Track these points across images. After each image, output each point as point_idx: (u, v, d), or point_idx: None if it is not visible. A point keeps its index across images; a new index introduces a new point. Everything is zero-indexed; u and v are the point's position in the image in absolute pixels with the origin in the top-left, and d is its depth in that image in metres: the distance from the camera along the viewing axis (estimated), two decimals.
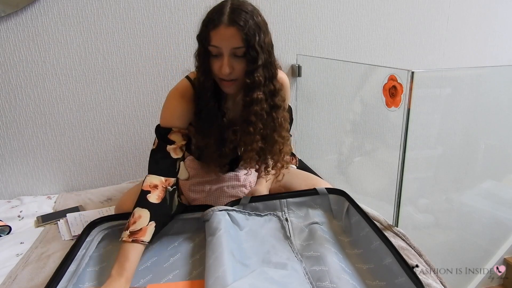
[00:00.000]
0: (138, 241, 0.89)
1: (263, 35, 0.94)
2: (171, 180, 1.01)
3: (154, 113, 1.71)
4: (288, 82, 1.17)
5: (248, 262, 0.89)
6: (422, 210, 2.01)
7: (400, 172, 1.19)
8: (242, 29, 0.90)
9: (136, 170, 1.77)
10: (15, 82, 1.51)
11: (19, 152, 1.59)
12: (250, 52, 0.92)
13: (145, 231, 0.91)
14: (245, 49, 0.92)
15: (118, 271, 0.85)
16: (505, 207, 2.15)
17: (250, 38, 0.91)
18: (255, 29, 0.92)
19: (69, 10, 1.49)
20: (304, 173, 1.34)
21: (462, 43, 2.18)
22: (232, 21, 0.90)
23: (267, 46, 0.97)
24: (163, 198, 0.97)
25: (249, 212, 1.09)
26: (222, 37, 0.91)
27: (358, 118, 1.99)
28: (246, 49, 0.92)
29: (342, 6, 1.86)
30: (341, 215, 1.09)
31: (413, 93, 1.10)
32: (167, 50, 1.65)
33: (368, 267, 0.90)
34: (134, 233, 0.90)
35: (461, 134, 2.09)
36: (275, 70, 1.02)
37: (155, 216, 0.94)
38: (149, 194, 0.96)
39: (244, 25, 0.90)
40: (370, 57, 2.00)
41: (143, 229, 0.91)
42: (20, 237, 1.24)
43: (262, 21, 0.95)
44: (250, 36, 0.91)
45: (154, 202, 0.95)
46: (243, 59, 0.94)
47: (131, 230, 0.90)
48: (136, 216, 0.93)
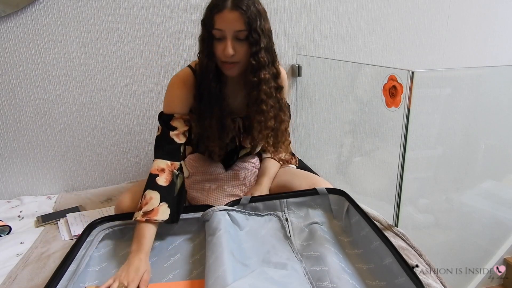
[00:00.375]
0: (151, 221, 0.96)
1: (263, 21, 1.02)
2: (176, 164, 1.07)
3: (154, 113, 1.71)
4: (286, 76, 1.23)
5: (248, 262, 0.89)
6: (422, 210, 2.01)
7: (400, 172, 1.19)
8: (244, 13, 0.97)
9: (136, 170, 1.77)
10: (15, 82, 1.51)
11: (19, 152, 1.59)
12: (252, 35, 1.00)
13: (157, 212, 0.97)
14: (247, 33, 0.99)
15: (136, 246, 0.93)
16: (505, 207, 2.15)
17: (252, 22, 0.98)
18: (256, 14, 0.99)
19: (69, 10, 1.50)
20: (304, 172, 1.34)
21: (462, 43, 2.18)
22: (235, 6, 0.97)
23: (267, 31, 1.05)
24: (170, 181, 1.04)
25: (249, 212, 1.09)
26: (225, 20, 0.98)
27: (358, 118, 1.99)
28: (248, 32, 0.99)
29: (342, 6, 1.86)
30: (341, 215, 1.09)
31: (413, 93, 1.10)
32: (167, 50, 1.65)
33: (368, 267, 0.90)
34: (147, 213, 0.97)
35: (461, 134, 2.09)
36: (275, 55, 1.11)
37: (165, 197, 1.00)
38: (157, 177, 1.02)
39: (247, 9, 0.97)
40: (370, 57, 2.00)
41: (154, 210, 0.97)
42: (20, 237, 1.24)
43: (262, 9, 1.03)
44: (252, 20, 0.98)
45: (162, 184, 1.02)
46: (245, 42, 1.01)
47: (144, 211, 0.97)
48: (147, 197, 0.99)
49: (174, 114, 1.09)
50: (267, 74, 1.07)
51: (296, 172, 1.34)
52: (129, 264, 0.89)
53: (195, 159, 1.32)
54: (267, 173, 1.29)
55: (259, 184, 1.25)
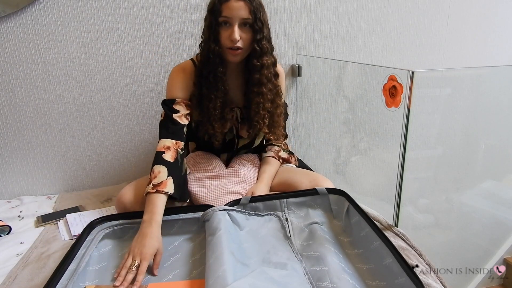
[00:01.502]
0: (161, 192, 1.01)
1: (264, 13, 1.14)
2: (181, 144, 1.14)
3: (154, 113, 1.71)
4: (283, 73, 1.33)
5: (248, 262, 0.89)
6: (422, 210, 2.01)
7: (400, 172, 1.19)
8: (250, 3, 1.08)
9: (136, 170, 1.77)
10: (15, 82, 1.51)
11: (19, 152, 1.60)
12: (256, 23, 1.10)
13: (166, 184, 1.03)
14: (252, 20, 1.10)
15: (148, 216, 0.97)
16: (505, 207, 2.15)
17: (256, 12, 1.09)
18: (259, 5, 1.11)
19: (69, 10, 1.50)
20: (304, 170, 1.36)
21: (462, 43, 2.18)
22: None
23: (267, 23, 1.16)
24: (175, 158, 1.10)
25: (249, 212, 1.09)
26: (232, 9, 1.08)
27: (358, 118, 1.99)
28: (253, 20, 1.10)
29: (342, 6, 1.86)
30: (341, 215, 1.09)
31: (413, 93, 1.10)
32: (167, 50, 1.65)
33: (368, 267, 0.90)
34: (156, 185, 1.02)
35: (461, 134, 2.09)
36: (273, 46, 1.21)
37: (171, 173, 1.06)
38: (164, 154, 1.09)
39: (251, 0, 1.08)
40: (370, 57, 2.00)
41: (163, 182, 1.03)
42: (20, 237, 1.25)
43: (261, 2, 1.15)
44: (256, 10, 1.09)
45: (169, 160, 1.08)
46: (250, 30, 1.12)
47: (154, 183, 1.03)
48: (156, 171, 1.05)
49: (176, 99, 1.18)
50: (269, 60, 1.18)
51: (297, 170, 1.36)
52: (142, 236, 0.93)
53: (196, 157, 1.33)
54: (268, 171, 1.30)
55: (260, 182, 1.26)
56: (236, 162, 1.34)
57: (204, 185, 1.23)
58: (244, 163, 1.33)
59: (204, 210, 1.05)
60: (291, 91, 1.89)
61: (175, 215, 1.07)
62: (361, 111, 1.97)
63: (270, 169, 1.31)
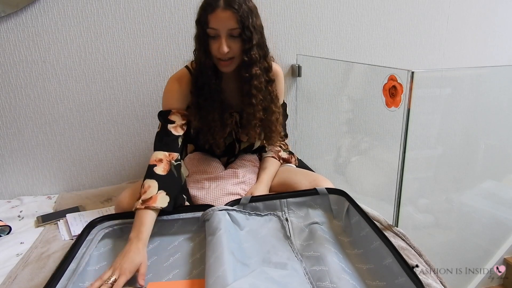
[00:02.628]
0: (150, 207, 0.98)
1: (255, 18, 1.07)
2: (174, 155, 1.11)
3: (154, 113, 1.70)
4: (282, 73, 1.29)
5: (248, 261, 0.89)
6: (422, 210, 2.01)
7: (400, 172, 1.19)
8: (237, 12, 1.01)
9: (136, 170, 1.77)
10: (15, 82, 1.51)
11: (19, 152, 1.59)
12: (245, 32, 1.05)
13: (155, 199, 1.00)
14: (240, 30, 1.04)
15: (135, 234, 0.95)
16: (505, 207, 2.15)
17: (244, 20, 1.03)
18: (248, 12, 1.04)
19: (69, 10, 1.50)
20: (304, 170, 1.35)
21: (462, 43, 2.18)
22: (227, 5, 1.01)
23: (259, 27, 1.10)
24: (169, 170, 1.07)
25: (249, 212, 1.09)
26: (219, 19, 1.02)
27: (358, 118, 1.99)
28: (241, 30, 1.04)
29: (342, 6, 1.86)
30: (341, 215, 1.09)
31: (413, 93, 1.10)
32: (167, 50, 1.65)
33: (368, 267, 0.90)
34: (145, 201, 0.99)
35: (461, 134, 2.09)
36: (267, 50, 1.17)
37: (163, 186, 1.03)
38: (155, 167, 1.06)
39: (239, 8, 1.02)
40: (370, 57, 2.00)
41: (153, 197, 1.00)
42: (20, 237, 1.25)
43: (253, 6, 1.08)
44: (244, 18, 1.03)
45: (160, 173, 1.05)
46: (239, 39, 1.06)
47: (143, 199, 1.00)
48: (146, 186, 1.03)
49: (171, 110, 1.16)
50: (258, 70, 1.12)
51: (296, 170, 1.36)
52: (125, 253, 0.90)
53: (194, 159, 1.33)
54: (268, 172, 1.30)
55: (259, 182, 1.26)
56: (235, 162, 1.34)
57: (203, 186, 1.23)
58: (243, 164, 1.33)
59: (204, 209, 1.05)
60: (291, 91, 1.89)
61: (175, 215, 1.07)
62: (361, 111, 1.97)
63: (270, 169, 1.31)
